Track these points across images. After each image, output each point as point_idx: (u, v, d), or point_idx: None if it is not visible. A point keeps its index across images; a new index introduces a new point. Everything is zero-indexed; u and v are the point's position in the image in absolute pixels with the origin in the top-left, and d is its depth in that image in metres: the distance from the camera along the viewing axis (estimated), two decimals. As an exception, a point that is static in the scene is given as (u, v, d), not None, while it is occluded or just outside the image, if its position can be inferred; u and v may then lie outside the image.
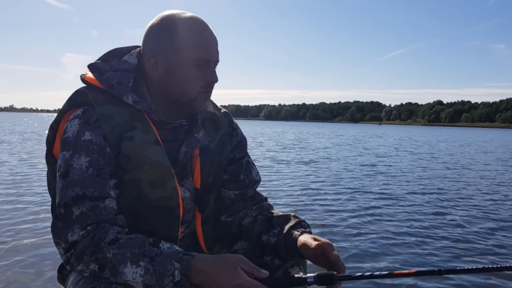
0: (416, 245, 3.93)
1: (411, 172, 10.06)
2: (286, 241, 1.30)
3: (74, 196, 1.11)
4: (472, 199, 6.58)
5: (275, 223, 1.38)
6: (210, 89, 1.27)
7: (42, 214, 4.41)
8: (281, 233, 1.33)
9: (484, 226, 4.81)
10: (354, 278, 1.12)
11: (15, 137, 18.58)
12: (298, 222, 1.34)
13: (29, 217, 4.29)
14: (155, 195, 1.21)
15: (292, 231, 1.31)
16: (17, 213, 4.48)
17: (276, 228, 1.36)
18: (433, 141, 28.13)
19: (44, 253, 3.21)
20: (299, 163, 11.06)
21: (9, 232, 3.74)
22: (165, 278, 1.03)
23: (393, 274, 1.11)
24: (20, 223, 4.05)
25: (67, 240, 1.09)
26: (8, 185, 6.22)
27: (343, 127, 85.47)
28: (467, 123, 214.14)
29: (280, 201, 5.70)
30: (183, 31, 1.20)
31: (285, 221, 1.36)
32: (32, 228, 3.90)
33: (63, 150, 1.16)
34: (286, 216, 1.39)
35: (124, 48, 1.31)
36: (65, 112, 1.24)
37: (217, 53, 1.25)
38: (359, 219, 4.80)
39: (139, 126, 1.20)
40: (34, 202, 5.02)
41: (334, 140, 25.66)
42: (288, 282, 1.12)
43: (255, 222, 1.41)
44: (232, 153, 1.44)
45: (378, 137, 32.61)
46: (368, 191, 6.93)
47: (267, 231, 1.37)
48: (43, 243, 3.43)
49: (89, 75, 1.25)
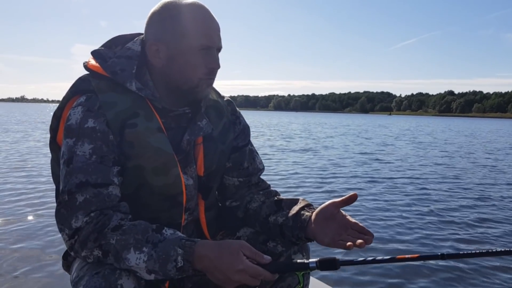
0: (419, 230, 3.99)
1: (413, 160, 10.27)
2: (295, 221, 1.30)
3: (77, 183, 1.12)
4: (472, 185, 6.71)
5: (284, 205, 1.38)
6: (213, 76, 1.27)
7: (47, 200, 4.45)
8: (290, 214, 1.33)
9: (486, 211, 4.91)
10: (356, 263, 1.11)
11: (26, 126, 18.78)
12: (308, 205, 1.35)
13: (34, 203, 4.33)
14: (158, 182, 1.22)
15: (301, 211, 1.31)
16: (22, 199, 4.53)
17: (285, 210, 1.36)
18: (438, 131, 27.96)
19: (49, 240, 3.25)
20: (301, 151, 11.10)
21: (14, 219, 3.79)
22: (168, 264, 1.04)
23: (396, 259, 1.10)
24: (25, 209, 4.09)
25: (71, 227, 1.10)
26: (17, 171, 6.29)
27: (352, 117, 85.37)
28: (479, 113, 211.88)
29: (281, 189, 5.75)
30: (184, 18, 1.20)
31: (295, 204, 1.36)
32: (37, 214, 3.94)
33: (66, 137, 1.17)
34: (295, 199, 1.39)
35: (127, 35, 1.31)
36: (68, 100, 1.24)
37: (219, 39, 1.25)
38: (362, 205, 4.91)
39: (142, 113, 1.21)
40: (39, 189, 5.07)
41: (339, 130, 25.60)
42: (290, 267, 1.12)
43: (263, 205, 1.41)
44: (235, 141, 1.44)
45: (384, 127, 32.56)
46: (369, 178, 7.10)
47: (275, 213, 1.37)
48: (48, 230, 3.47)
49: (92, 62, 1.25)
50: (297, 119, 54.43)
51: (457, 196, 5.76)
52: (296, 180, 6.67)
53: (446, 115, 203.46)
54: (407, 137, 20.45)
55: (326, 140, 16.43)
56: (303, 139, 16.51)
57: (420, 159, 10.64)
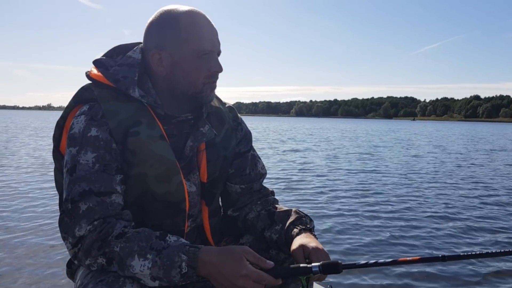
0: (421, 233, 4.08)
1: (417, 165, 10.39)
2: (286, 238, 1.30)
3: (81, 192, 1.13)
4: (473, 187, 6.93)
5: (276, 218, 1.38)
6: (216, 79, 1.29)
7: (51, 209, 4.50)
8: (282, 229, 1.33)
9: (485, 213, 5.03)
10: (359, 266, 1.12)
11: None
12: (299, 218, 1.34)
13: (38, 212, 4.38)
14: (161, 189, 1.22)
15: (291, 227, 1.31)
16: (27, 207, 4.59)
17: (278, 225, 1.36)
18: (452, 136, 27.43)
19: (53, 248, 3.28)
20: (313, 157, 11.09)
21: (19, 226, 3.84)
22: (172, 270, 1.05)
23: (398, 262, 1.12)
24: (30, 217, 4.14)
25: (74, 235, 1.11)
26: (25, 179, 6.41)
27: (375, 123, 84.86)
28: (506, 118, 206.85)
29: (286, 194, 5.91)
30: (184, 24, 1.21)
31: (287, 217, 1.36)
32: (41, 223, 3.98)
33: (69, 146, 1.18)
34: (287, 211, 1.39)
35: (127, 44, 1.33)
36: (71, 109, 1.25)
37: (219, 43, 1.27)
38: (362, 210, 5.00)
39: (145, 121, 1.21)
40: (44, 197, 5.14)
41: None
42: (293, 271, 1.12)
43: (259, 217, 1.42)
44: (238, 147, 1.45)
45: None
46: (370, 183, 7.19)
47: (269, 227, 1.38)
48: (52, 238, 3.50)
49: (94, 71, 1.26)
50: (325, 124, 54.23)
51: (458, 199, 5.90)
52: (304, 183, 6.64)
53: (473, 120, 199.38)
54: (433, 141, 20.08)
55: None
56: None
57: (427, 163, 10.72)
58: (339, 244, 3.66)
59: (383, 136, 25.49)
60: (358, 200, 5.55)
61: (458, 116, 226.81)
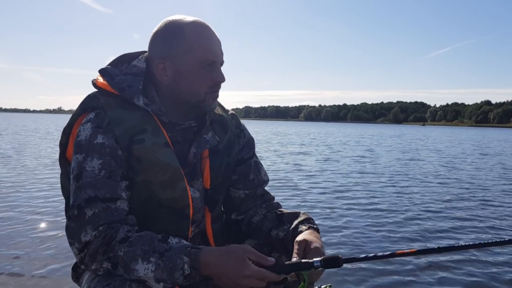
0: (417, 226, 4.33)
1: (415, 166, 10.63)
2: (294, 235, 1.33)
3: (87, 198, 1.16)
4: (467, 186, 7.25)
5: (285, 219, 1.42)
6: (218, 89, 1.31)
7: (57, 213, 4.51)
8: (290, 228, 1.37)
9: (478, 206, 5.46)
10: (359, 260, 1.16)
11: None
12: (307, 219, 1.38)
13: (44, 216, 4.39)
14: (165, 195, 1.25)
15: (299, 225, 1.35)
16: (33, 211, 4.59)
17: (286, 225, 1.40)
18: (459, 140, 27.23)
19: (59, 252, 3.29)
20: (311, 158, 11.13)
21: (25, 230, 3.83)
22: (175, 272, 1.08)
23: (396, 254, 1.17)
24: (36, 222, 4.15)
25: (80, 241, 1.14)
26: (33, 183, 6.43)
27: (384, 128, 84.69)
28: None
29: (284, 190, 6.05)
30: (188, 35, 1.23)
31: (295, 218, 1.40)
32: (47, 227, 3.99)
33: (76, 153, 1.20)
34: (296, 213, 1.43)
35: (132, 53, 1.35)
36: (78, 116, 1.28)
37: (222, 54, 1.29)
38: (360, 207, 5.22)
39: (149, 129, 1.24)
40: (51, 202, 5.15)
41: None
42: (295, 267, 1.14)
43: (265, 219, 1.45)
44: (240, 154, 1.47)
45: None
46: (368, 182, 7.40)
47: (277, 227, 1.41)
48: (58, 242, 3.51)
49: (100, 80, 1.29)
50: (327, 129, 54.19)
51: (450, 193, 6.31)
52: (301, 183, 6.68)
53: (483, 126, 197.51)
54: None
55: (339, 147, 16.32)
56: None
57: (426, 165, 10.84)
58: (338, 240, 3.74)
59: (384, 141, 25.46)
60: (356, 201, 5.64)
61: (468, 121, 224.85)
